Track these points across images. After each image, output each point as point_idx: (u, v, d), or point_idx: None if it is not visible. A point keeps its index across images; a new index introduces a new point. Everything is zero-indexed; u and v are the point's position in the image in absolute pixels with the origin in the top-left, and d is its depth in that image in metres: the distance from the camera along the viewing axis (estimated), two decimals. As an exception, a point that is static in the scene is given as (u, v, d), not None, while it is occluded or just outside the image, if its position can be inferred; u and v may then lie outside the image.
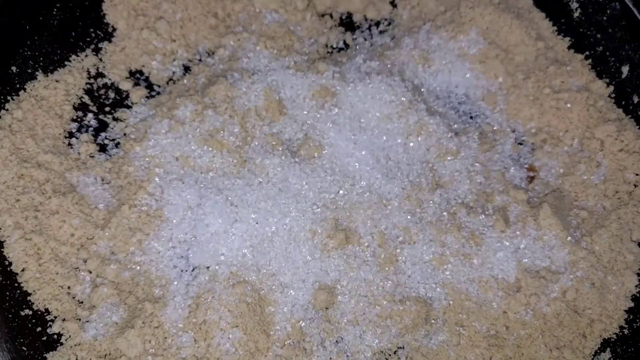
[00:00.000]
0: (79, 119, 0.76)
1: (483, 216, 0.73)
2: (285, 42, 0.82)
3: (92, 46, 0.79)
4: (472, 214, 0.73)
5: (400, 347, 0.69)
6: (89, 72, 0.79)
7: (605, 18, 0.79)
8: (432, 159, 0.76)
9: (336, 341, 0.68)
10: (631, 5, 0.76)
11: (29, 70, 0.76)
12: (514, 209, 0.74)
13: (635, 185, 0.75)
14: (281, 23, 0.83)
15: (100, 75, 0.79)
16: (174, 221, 0.70)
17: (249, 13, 0.83)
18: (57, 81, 0.77)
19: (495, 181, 0.76)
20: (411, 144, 0.76)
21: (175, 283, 0.68)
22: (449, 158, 0.76)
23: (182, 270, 0.69)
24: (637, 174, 0.75)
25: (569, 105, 0.78)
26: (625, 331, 0.70)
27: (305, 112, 0.76)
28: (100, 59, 0.80)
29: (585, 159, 0.77)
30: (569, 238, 0.71)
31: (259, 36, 0.81)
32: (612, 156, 0.76)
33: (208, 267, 0.69)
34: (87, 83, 0.78)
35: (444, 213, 0.73)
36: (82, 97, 0.77)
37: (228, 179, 0.72)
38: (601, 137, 0.77)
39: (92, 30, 0.80)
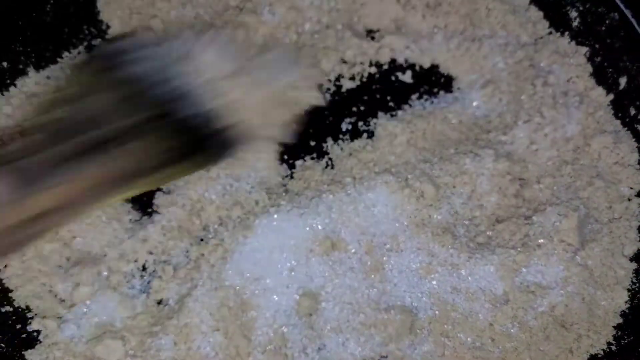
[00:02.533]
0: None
1: (473, 226, 0.72)
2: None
3: (85, 43, 0.79)
4: (462, 224, 0.72)
5: (384, 357, 0.68)
6: (80, 69, 0.79)
7: (604, 29, 0.78)
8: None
9: (318, 348, 0.68)
10: (630, 17, 0.75)
11: (20, 66, 0.76)
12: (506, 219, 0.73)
13: (629, 199, 0.74)
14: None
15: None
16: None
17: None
18: (48, 78, 0.76)
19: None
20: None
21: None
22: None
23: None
24: (631, 188, 0.74)
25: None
26: (613, 347, 0.69)
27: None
28: (93, 57, 0.80)
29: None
30: (568, 254, 0.70)
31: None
32: (607, 169, 0.75)
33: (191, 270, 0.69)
34: (78, 80, 0.78)
35: (433, 221, 0.72)
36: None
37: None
38: (597, 148, 0.76)
39: (85, 27, 0.80)
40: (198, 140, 0.53)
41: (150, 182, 0.53)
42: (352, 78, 0.81)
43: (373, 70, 0.81)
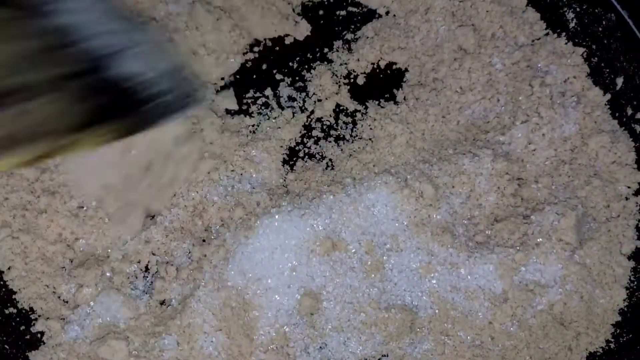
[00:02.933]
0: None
1: (472, 226, 0.73)
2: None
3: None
4: (461, 224, 0.73)
5: (385, 355, 0.69)
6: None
7: (600, 29, 0.78)
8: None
9: (320, 347, 0.68)
10: (627, 17, 0.76)
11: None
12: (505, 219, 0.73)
13: (627, 198, 0.74)
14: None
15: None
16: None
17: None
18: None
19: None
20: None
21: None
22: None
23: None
24: (628, 187, 0.75)
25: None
26: (612, 345, 0.70)
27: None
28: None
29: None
30: (566, 253, 0.71)
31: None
32: (605, 168, 0.76)
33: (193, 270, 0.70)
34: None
35: (433, 221, 0.72)
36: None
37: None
38: (595, 147, 0.76)
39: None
40: (117, 106, 0.47)
41: (54, 147, 0.46)
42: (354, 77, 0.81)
43: (370, 68, 0.81)
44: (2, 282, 0.68)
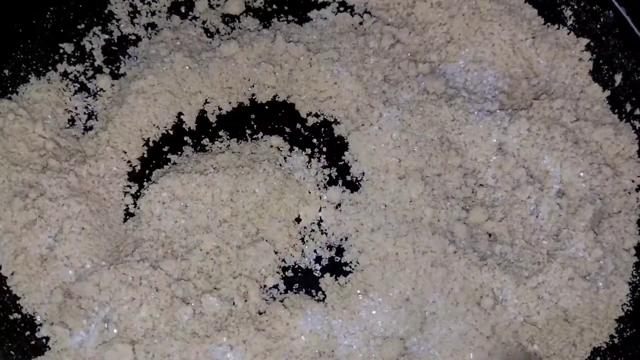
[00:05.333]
0: (70, 122, 0.76)
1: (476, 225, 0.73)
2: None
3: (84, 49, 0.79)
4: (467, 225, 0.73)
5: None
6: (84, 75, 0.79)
7: (599, 26, 0.79)
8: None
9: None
10: (625, 14, 0.76)
11: (22, 74, 0.76)
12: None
13: (629, 193, 0.74)
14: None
15: (92, 77, 0.78)
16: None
17: None
18: (49, 81, 0.77)
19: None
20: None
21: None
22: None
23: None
24: (632, 181, 0.74)
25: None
26: (616, 340, 0.70)
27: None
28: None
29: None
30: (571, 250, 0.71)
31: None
32: (610, 161, 0.75)
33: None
34: (79, 86, 0.78)
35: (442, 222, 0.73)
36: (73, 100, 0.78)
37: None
38: (599, 139, 0.76)
39: (85, 33, 0.80)
40: None
41: None
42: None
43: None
44: (5, 288, 0.67)
